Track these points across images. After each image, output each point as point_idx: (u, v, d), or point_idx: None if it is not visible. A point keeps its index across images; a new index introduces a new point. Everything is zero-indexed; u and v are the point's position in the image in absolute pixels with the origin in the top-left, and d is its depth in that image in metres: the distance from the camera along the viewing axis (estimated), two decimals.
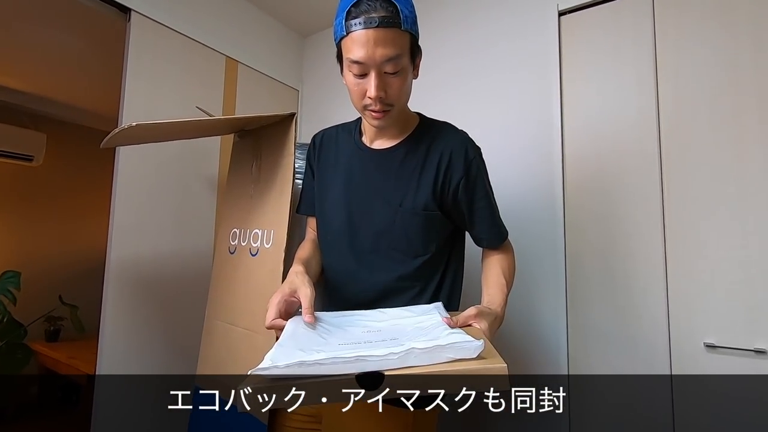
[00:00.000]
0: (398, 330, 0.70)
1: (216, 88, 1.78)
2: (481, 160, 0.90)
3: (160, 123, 1.12)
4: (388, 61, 0.75)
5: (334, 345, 0.64)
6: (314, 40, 2.24)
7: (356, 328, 0.74)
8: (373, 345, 0.63)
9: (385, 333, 0.69)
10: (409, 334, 0.67)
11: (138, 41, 1.50)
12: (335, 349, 0.61)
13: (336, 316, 0.79)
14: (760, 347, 1.10)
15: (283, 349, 0.61)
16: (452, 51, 1.72)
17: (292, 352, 0.59)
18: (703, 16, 1.25)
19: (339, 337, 0.68)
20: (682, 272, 1.22)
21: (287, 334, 0.69)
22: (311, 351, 0.59)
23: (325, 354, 0.57)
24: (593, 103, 1.41)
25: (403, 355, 0.56)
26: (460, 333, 0.62)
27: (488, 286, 0.87)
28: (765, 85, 1.15)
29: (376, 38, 0.74)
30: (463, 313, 0.73)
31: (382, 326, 0.73)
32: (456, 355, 0.56)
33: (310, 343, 0.64)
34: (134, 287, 1.47)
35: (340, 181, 0.93)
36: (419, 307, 0.82)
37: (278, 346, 0.63)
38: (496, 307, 0.79)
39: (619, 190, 1.34)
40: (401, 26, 0.75)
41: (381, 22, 0.73)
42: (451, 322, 0.68)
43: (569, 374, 1.35)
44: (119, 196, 1.44)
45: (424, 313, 0.77)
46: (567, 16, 1.49)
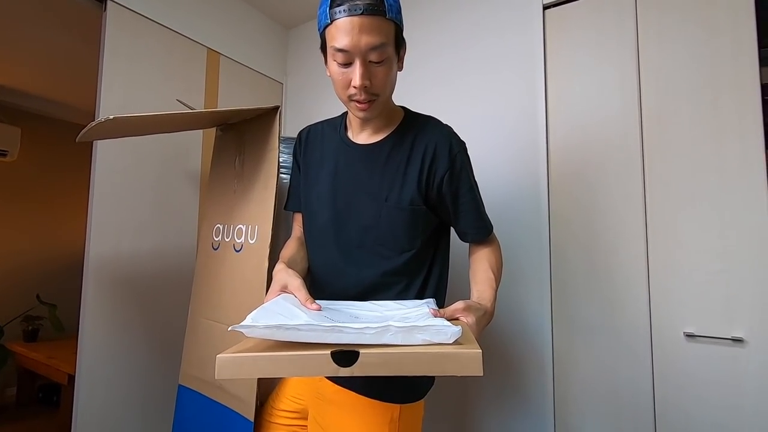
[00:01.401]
0: (385, 318, 0.70)
1: (197, 81, 1.74)
2: (466, 155, 0.90)
3: (139, 116, 1.09)
4: (373, 49, 0.75)
5: (316, 316, 0.65)
6: (298, 31, 2.21)
7: (346, 312, 0.75)
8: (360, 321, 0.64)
9: (372, 318, 0.69)
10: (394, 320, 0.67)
11: (115, 32, 1.45)
12: (316, 319, 0.62)
13: (329, 303, 0.80)
14: (737, 336, 1.13)
15: (265, 311, 0.63)
16: (438, 45, 1.72)
17: (273, 316, 0.61)
18: (684, 12, 1.27)
19: (327, 314, 0.69)
20: (663, 264, 1.25)
21: (275, 302, 0.70)
22: (292, 317, 0.61)
23: (304, 320, 0.57)
24: (577, 96, 1.43)
25: (380, 331, 0.56)
26: (441, 320, 0.62)
27: (477, 282, 0.87)
28: (743, 80, 1.18)
29: (360, 25, 0.73)
30: (451, 306, 0.73)
31: (371, 315, 0.74)
32: (432, 338, 0.57)
33: (293, 311, 0.65)
34: (115, 285, 1.44)
35: (326, 176, 0.92)
36: (412, 301, 0.83)
37: (262, 308, 0.65)
38: (486, 303, 0.80)
39: (603, 184, 1.36)
40: (386, 14, 0.75)
41: (365, 10, 0.73)
42: (438, 314, 0.68)
43: (554, 364, 1.37)
44: (97, 192, 1.40)
45: (415, 306, 0.78)
46: (551, 9, 1.49)
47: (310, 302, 0.71)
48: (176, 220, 1.64)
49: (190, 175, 1.70)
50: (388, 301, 0.83)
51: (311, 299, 0.72)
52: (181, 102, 1.49)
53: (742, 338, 1.12)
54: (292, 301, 0.72)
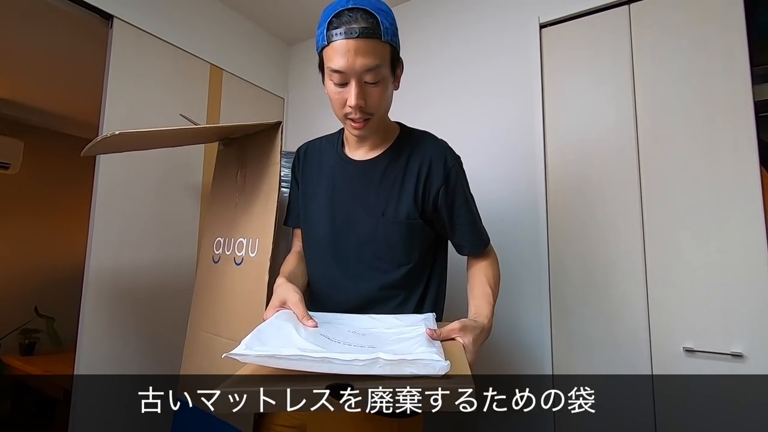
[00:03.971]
0: (380, 338, 0.70)
1: (200, 96, 1.77)
2: (461, 168, 0.92)
3: (144, 131, 1.11)
4: (368, 71, 0.77)
5: (310, 341, 0.65)
6: (299, 48, 2.25)
7: (343, 328, 0.74)
8: (351, 348, 0.64)
9: (369, 338, 0.69)
10: (389, 343, 0.67)
11: (120, 48, 1.48)
12: (310, 338, 0.63)
13: (328, 316, 0.80)
14: (736, 351, 1.12)
15: (259, 336, 0.63)
16: (438, 63, 1.75)
17: (267, 340, 0.62)
18: (677, 31, 1.30)
19: (323, 332, 0.69)
20: (662, 278, 1.25)
21: (270, 323, 0.70)
22: (285, 343, 0.62)
23: (294, 351, 0.58)
24: (574, 112, 1.45)
25: (369, 363, 0.56)
26: (432, 350, 0.61)
27: (474, 297, 0.87)
28: (736, 95, 1.20)
29: (356, 48, 0.75)
30: (447, 326, 0.73)
31: (368, 331, 0.73)
32: (419, 371, 0.57)
33: (289, 333, 0.66)
34: (114, 298, 1.44)
35: (324, 191, 0.94)
36: (411, 316, 0.82)
37: (257, 331, 0.65)
38: (483, 319, 0.80)
39: (601, 198, 1.37)
40: (381, 37, 0.77)
41: (361, 33, 0.75)
42: (434, 335, 0.68)
43: (554, 375, 1.36)
44: (99, 205, 1.41)
45: (412, 324, 0.77)
46: (548, 28, 1.53)
47: (307, 319, 0.72)
48: (177, 233, 1.64)
49: (191, 188, 1.71)
50: (387, 316, 0.83)
51: (308, 316, 0.73)
52: (185, 117, 1.51)
53: (741, 353, 1.12)
54: (289, 317, 0.72)
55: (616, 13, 1.40)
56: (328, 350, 0.60)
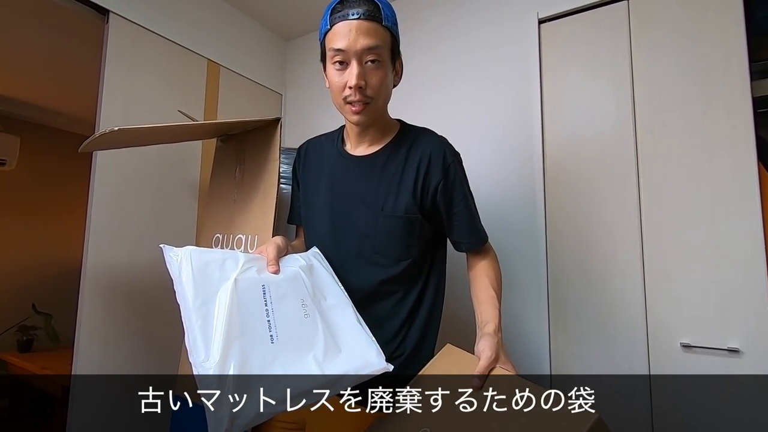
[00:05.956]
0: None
1: (197, 92, 1.76)
2: (460, 164, 0.92)
3: (143, 127, 1.10)
4: (369, 50, 0.80)
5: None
6: (297, 43, 2.24)
7: (301, 293, 0.76)
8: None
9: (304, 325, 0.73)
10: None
11: (116, 43, 1.47)
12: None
13: (321, 276, 0.84)
14: (733, 346, 1.13)
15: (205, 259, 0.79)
16: (436, 57, 1.74)
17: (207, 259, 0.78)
18: (675, 27, 1.30)
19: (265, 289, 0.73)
20: (659, 274, 1.26)
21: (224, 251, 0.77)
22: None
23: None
24: (572, 108, 1.45)
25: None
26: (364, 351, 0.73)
27: (480, 302, 0.88)
28: (734, 91, 1.20)
29: (357, 28, 0.79)
30: (480, 363, 0.71)
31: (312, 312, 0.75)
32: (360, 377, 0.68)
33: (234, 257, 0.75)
34: (112, 295, 1.43)
35: (324, 188, 0.94)
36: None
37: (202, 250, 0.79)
38: (491, 327, 0.80)
39: (598, 194, 1.37)
40: (382, 22, 0.81)
41: (363, 15, 0.79)
42: (479, 383, 0.69)
43: (551, 374, 1.37)
44: (96, 201, 1.40)
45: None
46: (546, 24, 1.52)
47: (273, 265, 0.77)
48: (175, 230, 1.64)
49: (188, 184, 1.70)
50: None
51: (275, 263, 0.77)
52: (183, 113, 1.50)
53: (738, 349, 1.13)
54: (255, 259, 0.77)
55: (615, 8, 1.40)
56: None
